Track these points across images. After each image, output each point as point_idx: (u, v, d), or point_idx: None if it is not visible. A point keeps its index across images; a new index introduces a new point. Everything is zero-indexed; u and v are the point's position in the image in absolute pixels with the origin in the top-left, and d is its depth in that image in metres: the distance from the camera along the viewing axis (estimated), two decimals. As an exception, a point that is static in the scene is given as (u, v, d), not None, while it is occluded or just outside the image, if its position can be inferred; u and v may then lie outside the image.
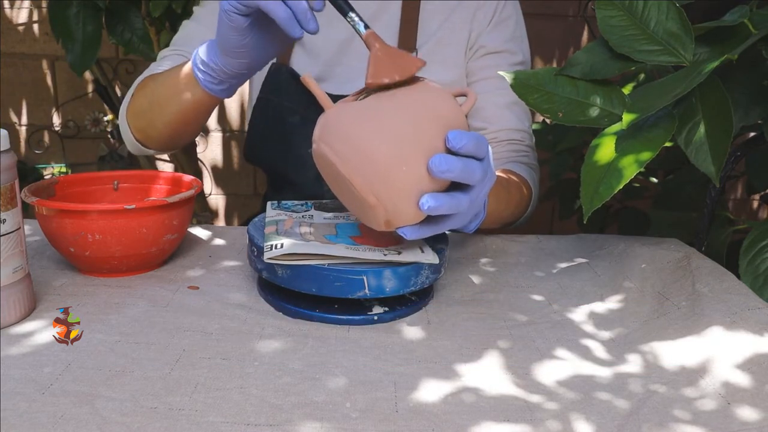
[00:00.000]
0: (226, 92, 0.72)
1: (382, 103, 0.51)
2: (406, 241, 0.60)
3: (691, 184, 1.13)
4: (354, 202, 0.54)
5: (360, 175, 0.51)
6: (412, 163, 0.50)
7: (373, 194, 0.51)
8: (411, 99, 0.52)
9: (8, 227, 0.51)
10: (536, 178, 0.93)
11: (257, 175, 2.05)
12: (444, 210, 0.52)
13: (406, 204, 0.51)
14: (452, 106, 0.54)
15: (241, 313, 0.58)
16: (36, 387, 0.45)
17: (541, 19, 1.87)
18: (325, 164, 0.54)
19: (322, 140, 0.53)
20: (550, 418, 0.44)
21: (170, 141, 0.83)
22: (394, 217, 0.52)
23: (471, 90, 0.57)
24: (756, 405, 0.46)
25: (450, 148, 0.51)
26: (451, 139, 0.51)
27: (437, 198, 0.51)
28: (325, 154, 0.53)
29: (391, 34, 0.90)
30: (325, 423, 0.42)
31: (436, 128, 0.51)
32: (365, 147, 0.50)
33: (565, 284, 0.68)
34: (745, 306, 0.56)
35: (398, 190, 0.51)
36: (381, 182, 0.50)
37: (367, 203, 0.52)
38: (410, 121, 0.51)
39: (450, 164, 0.50)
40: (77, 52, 1.35)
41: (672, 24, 0.67)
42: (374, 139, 0.50)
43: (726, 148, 0.62)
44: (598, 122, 0.68)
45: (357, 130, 0.51)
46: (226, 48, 0.64)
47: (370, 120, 0.51)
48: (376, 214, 0.52)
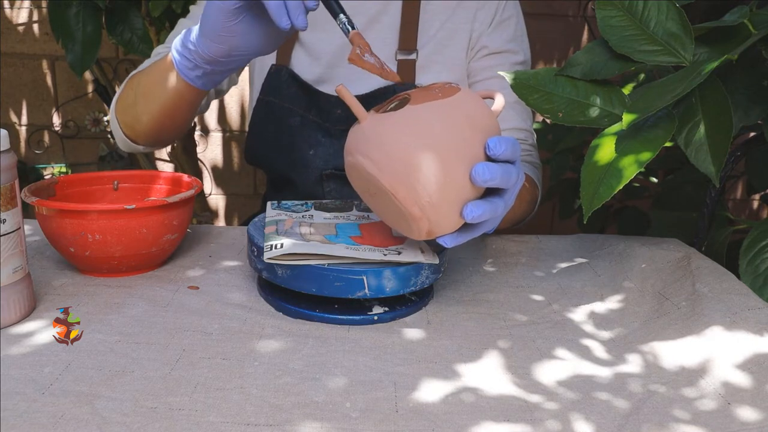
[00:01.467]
0: (200, 80, 0.70)
1: (420, 114, 0.51)
2: (406, 241, 0.60)
3: (691, 184, 1.13)
4: (392, 214, 0.54)
5: (404, 188, 0.50)
6: (455, 172, 0.50)
7: (417, 206, 0.51)
8: (449, 108, 0.52)
9: (8, 227, 0.51)
10: (539, 176, 0.93)
11: (257, 175, 2.05)
12: (485, 217, 0.53)
13: (449, 213, 0.52)
14: (487, 112, 0.54)
15: (241, 313, 0.58)
16: (36, 387, 0.45)
17: (541, 19, 1.87)
18: (361, 176, 0.54)
19: (359, 152, 0.52)
20: (550, 418, 0.44)
21: (156, 135, 0.82)
22: (435, 227, 0.53)
23: (498, 93, 0.57)
24: (756, 405, 0.46)
25: (490, 155, 0.52)
26: (492, 147, 0.51)
27: (479, 206, 0.52)
28: (363, 166, 0.52)
29: (391, 35, 0.90)
30: (325, 423, 0.42)
31: (476, 136, 0.51)
32: (409, 159, 0.50)
33: (565, 284, 0.68)
34: (745, 306, 0.56)
35: (443, 200, 0.51)
36: (426, 194, 0.50)
37: (411, 215, 0.52)
38: (451, 131, 0.50)
39: (492, 173, 0.51)
40: (77, 52, 1.35)
41: (672, 24, 0.67)
42: (418, 150, 0.50)
43: (726, 148, 0.62)
44: (598, 122, 0.68)
45: (398, 142, 0.50)
46: (207, 29, 0.62)
47: (411, 131, 0.50)
48: (420, 226, 0.53)
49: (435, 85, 0.55)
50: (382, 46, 0.89)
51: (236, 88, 1.95)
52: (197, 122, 1.97)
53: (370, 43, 0.90)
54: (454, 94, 0.53)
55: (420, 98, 0.52)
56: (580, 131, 1.46)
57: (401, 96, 0.54)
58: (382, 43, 0.89)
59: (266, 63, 0.93)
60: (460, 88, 0.54)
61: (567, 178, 1.53)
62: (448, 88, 0.54)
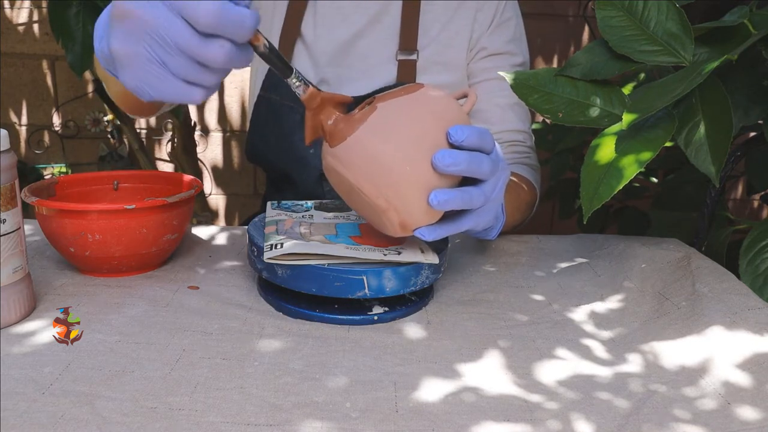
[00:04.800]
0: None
1: (382, 110, 0.52)
2: (406, 241, 0.60)
3: (691, 184, 1.13)
4: (368, 210, 0.54)
5: (367, 180, 0.51)
6: (416, 161, 0.50)
7: (382, 197, 0.51)
8: (410, 102, 0.52)
9: (8, 227, 0.51)
10: (538, 179, 0.93)
11: (257, 175, 2.05)
12: (455, 204, 0.51)
13: (416, 203, 0.51)
14: (453, 105, 0.54)
15: (241, 313, 0.58)
16: (36, 387, 0.45)
17: (541, 19, 1.87)
18: (336, 177, 0.54)
19: (328, 152, 0.53)
20: (550, 417, 0.44)
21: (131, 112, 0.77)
22: (406, 218, 0.52)
23: (472, 90, 0.57)
24: (756, 405, 0.46)
25: (452, 143, 0.51)
26: (452, 133, 0.50)
27: (446, 192, 0.51)
28: (332, 166, 0.53)
29: (391, 36, 0.90)
30: (325, 423, 0.42)
31: (438, 126, 0.51)
32: (368, 151, 0.50)
33: (565, 284, 0.68)
34: (745, 306, 0.56)
35: (405, 189, 0.51)
36: (387, 184, 0.50)
37: (379, 208, 0.52)
38: (411, 122, 0.51)
39: (454, 157, 0.50)
40: (77, 52, 1.35)
41: (672, 24, 0.67)
42: (376, 142, 0.50)
43: (726, 148, 0.62)
44: (598, 122, 0.68)
45: (359, 138, 0.51)
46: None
47: (371, 126, 0.51)
48: (390, 218, 0.52)
49: (402, 86, 0.55)
50: (383, 47, 0.89)
51: (236, 89, 1.95)
52: (197, 122, 1.97)
53: (370, 43, 0.90)
54: (417, 90, 0.53)
55: (384, 98, 0.53)
56: (580, 131, 1.46)
57: (370, 99, 0.54)
58: (382, 44, 0.89)
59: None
60: (425, 86, 0.54)
61: (567, 178, 1.53)
62: (413, 86, 0.54)
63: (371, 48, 0.90)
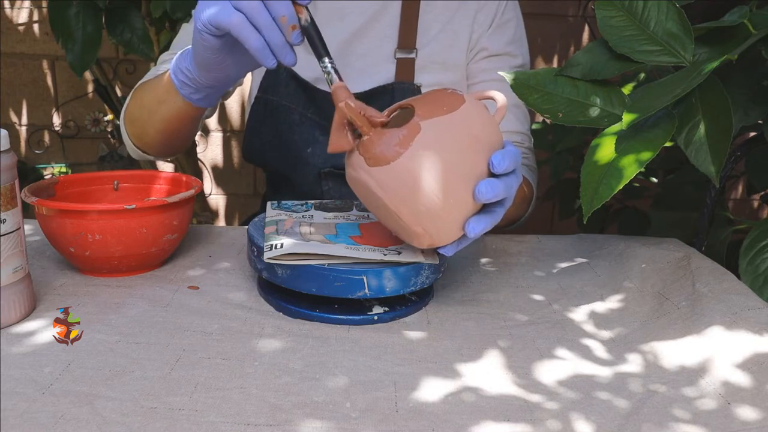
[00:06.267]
0: (204, 101, 0.71)
1: (426, 134, 0.50)
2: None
3: (691, 184, 1.13)
4: (396, 227, 0.55)
5: (406, 207, 0.51)
6: (458, 193, 0.51)
7: (420, 226, 0.52)
8: (454, 124, 0.51)
9: (8, 227, 0.51)
10: (536, 179, 0.93)
11: (257, 175, 2.05)
12: (488, 229, 0.54)
13: (451, 230, 0.53)
14: (491, 124, 0.54)
15: (241, 313, 0.58)
16: (36, 387, 0.45)
17: (541, 19, 1.87)
18: (365, 192, 0.54)
19: (362, 169, 0.52)
20: (550, 417, 0.44)
21: (165, 148, 0.83)
22: (437, 241, 0.54)
23: (501, 96, 0.56)
24: (756, 405, 0.46)
25: (494, 172, 0.52)
26: (495, 164, 0.52)
27: (482, 221, 0.53)
28: (366, 184, 0.52)
29: (390, 35, 0.90)
30: (325, 423, 0.42)
31: (479, 153, 0.52)
32: (411, 181, 0.50)
33: (565, 284, 0.68)
34: (745, 306, 0.56)
35: (444, 219, 0.52)
36: (429, 216, 0.51)
37: (414, 233, 0.53)
38: (456, 151, 0.51)
39: (495, 190, 0.51)
40: (77, 52, 1.35)
41: (672, 24, 0.67)
42: (421, 172, 0.50)
43: (726, 148, 0.62)
44: (598, 122, 0.68)
45: (402, 165, 0.50)
46: (200, 62, 0.63)
47: (415, 153, 0.50)
48: (421, 241, 0.54)
49: (438, 94, 0.54)
50: (381, 45, 0.89)
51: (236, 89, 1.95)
52: (197, 122, 1.96)
53: (368, 42, 0.90)
54: (459, 106, 0.52)
55: (425, 111, 0.51)
56: (580, 131, 1.46)
57: (405, 105, 0.54)
58: (381, 42, 0.89)
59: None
60: (465, 98, 0.53)
61: (567, 178, 1.53)
62: (452, 97, 0.53)
63: (370, 47, 0.90)
